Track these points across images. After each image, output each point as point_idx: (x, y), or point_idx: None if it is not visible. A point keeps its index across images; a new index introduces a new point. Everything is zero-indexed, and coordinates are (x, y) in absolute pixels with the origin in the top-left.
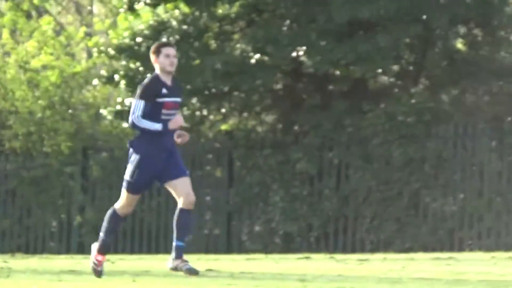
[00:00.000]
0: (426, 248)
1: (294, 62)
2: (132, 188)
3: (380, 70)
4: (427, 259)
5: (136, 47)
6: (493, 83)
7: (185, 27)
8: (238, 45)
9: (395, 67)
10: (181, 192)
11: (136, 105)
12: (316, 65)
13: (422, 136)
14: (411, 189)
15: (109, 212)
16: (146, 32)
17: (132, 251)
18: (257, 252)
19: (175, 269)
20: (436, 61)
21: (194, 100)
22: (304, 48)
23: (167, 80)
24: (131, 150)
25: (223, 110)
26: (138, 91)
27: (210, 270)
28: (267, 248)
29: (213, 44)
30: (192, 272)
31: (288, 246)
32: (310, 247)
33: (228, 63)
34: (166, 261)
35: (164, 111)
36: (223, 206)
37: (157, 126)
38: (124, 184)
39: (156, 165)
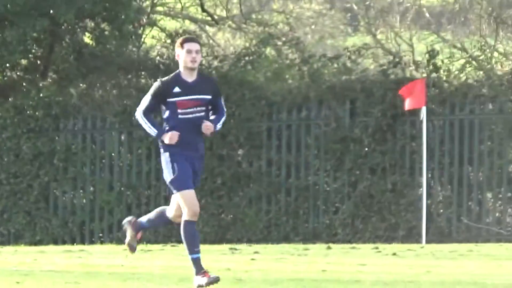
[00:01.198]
0: (57, 241)
1: None
2: (181, 183)
3: (8, 65)
4: (58, 251)
5: None
6: (121, 77)
7: None
8: None
9: (23, 62)
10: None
11: (144, 99)
12: None
13: (51, 130)
14: (41, 182)
15: (183, 228)
16: None
17: None
18: None
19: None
20: (64, 56)
21: None
22: None
23: (189, 77)
24: (161, 148)
25: None
26: (152, 87)
27: None
28: None
29: None
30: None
31: None
32: None
33: None
34: None
35: (179, 110)
36: None
37: (152, 131)
38: (172, 187)
39: (190, 159)
